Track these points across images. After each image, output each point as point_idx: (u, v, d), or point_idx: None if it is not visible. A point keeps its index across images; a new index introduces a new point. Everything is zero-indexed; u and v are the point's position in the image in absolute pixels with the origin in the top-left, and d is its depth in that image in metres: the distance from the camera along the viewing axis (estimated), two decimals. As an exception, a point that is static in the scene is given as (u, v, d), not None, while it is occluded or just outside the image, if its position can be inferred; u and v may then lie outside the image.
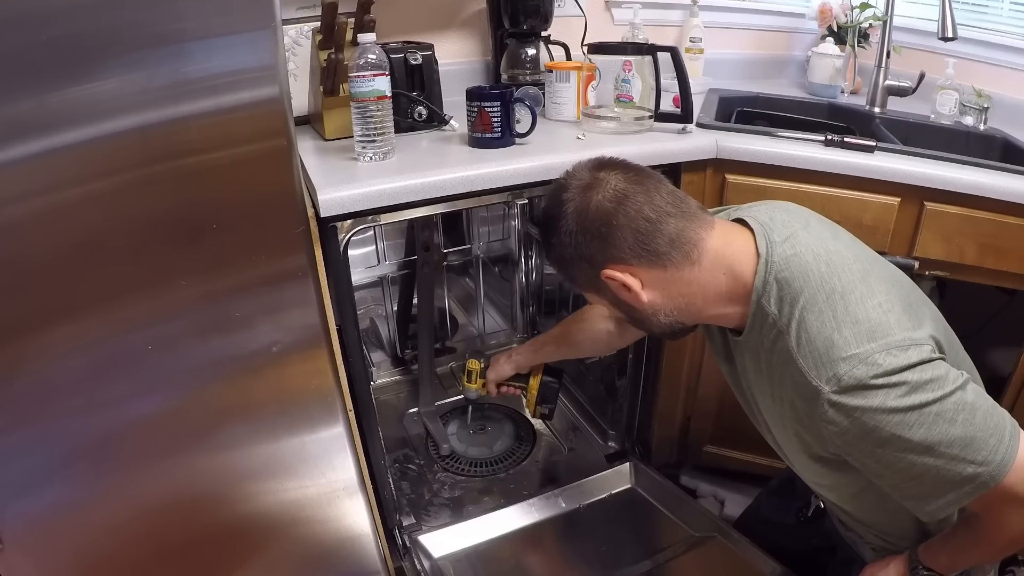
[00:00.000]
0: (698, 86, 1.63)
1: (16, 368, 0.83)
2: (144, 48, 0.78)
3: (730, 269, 0.82)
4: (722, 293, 0.83)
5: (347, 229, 1.06)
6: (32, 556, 0.92)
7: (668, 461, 1.66)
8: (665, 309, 0.86)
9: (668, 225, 0.81)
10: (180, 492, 1.00)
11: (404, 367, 1.86)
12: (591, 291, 0.90)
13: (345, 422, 1.09)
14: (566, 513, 1.39)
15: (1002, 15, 1.70)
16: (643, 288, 0.83)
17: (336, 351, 1.06)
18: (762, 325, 0.81)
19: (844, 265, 0.78)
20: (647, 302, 0.84)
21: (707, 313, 0.86)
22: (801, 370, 0.75)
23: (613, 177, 0.83)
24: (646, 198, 0.82)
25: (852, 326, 0.73)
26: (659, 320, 0.87)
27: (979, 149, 1.47)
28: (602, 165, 0.86)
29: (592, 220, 0.82)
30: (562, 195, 0.85)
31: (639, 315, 0.88)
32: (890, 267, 0.86)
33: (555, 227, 0.85)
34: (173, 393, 0.94)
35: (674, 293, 0.84)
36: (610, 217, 0.81)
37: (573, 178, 0.86)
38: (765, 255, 0.80)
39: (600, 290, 0.87)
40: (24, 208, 0.78)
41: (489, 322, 1.99)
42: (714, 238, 0.83)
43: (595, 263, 0.84)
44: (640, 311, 0.86)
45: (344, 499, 1.15)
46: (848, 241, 0.86)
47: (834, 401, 0.72)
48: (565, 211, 0.84)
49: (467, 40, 1.70)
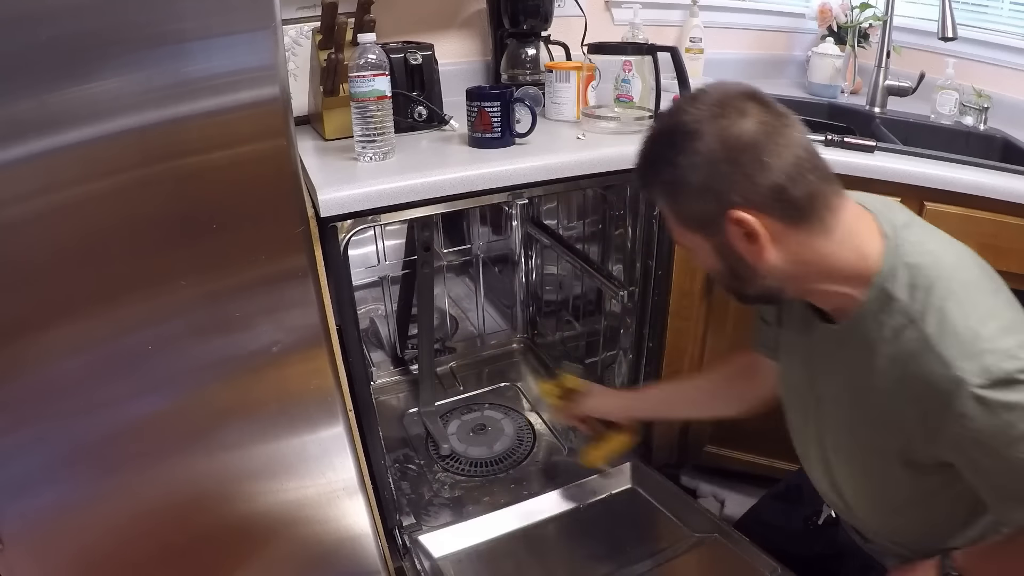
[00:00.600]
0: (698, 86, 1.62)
1: (16, 368, 0.83)
2: (144, 48, 0.78)
3: (858, 248, 0.74)
4: (844, 270, 0.75)
5: (347, 229, 1.06)
6: (32, 556, 0.92)
7: (668, 461, 1.65)
8: (777, 272, 0.76)
9: (811, 180, 0.72)
10: (180, 492, 1.00)
11: (404, 367, 1.86)
12: (697, 232, 0.77)
13: (345, 422, 1.09)
14: (566, 513, 1.39)
15: (1002, 15, 1.70)
16: (772, 242, 0.73)
17: (336, 351, 1.06)
18: (884, 312, 0.74)
19: (968, 259, 0.75)
20: (766, 258, 0.74)
21: (816, 287, 0.78)
22: (942, 359, 0.68)
23: (760, 111, 0.72)
24: (796, 142, 0.72)
25: (994, 319, 0.69)
26: (763, 283, 0.78)
27: (979, 149, 1.47)
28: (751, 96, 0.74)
29: (741, 148, 0.70)
30: (697, 110, 0.73)
31: (744, 272, 0.77)
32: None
33: (686, 145, 0.72)
34: (173, 393, 0.94)
35: (796, 258, 0.74)
36: (761, 152, 0.70)
37: (711, 94, 0.74)
38: (893, 238, 0.74)
39: (712, 232, 0.75)
40: (24, 208, 0.78)
41: (489, 322, 1.99)
42: (847, 210, 0.75)
43: (723, 199, 0.71)
44: (749, 268, 0.76)
45: (344, 499, 1.15)
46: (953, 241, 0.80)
47: (979, 396, 0.66)
48: (704, 129, 0.71)
49: (467, 40, 1.70)
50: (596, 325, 1.67)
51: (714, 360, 1.48)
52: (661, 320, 1.43)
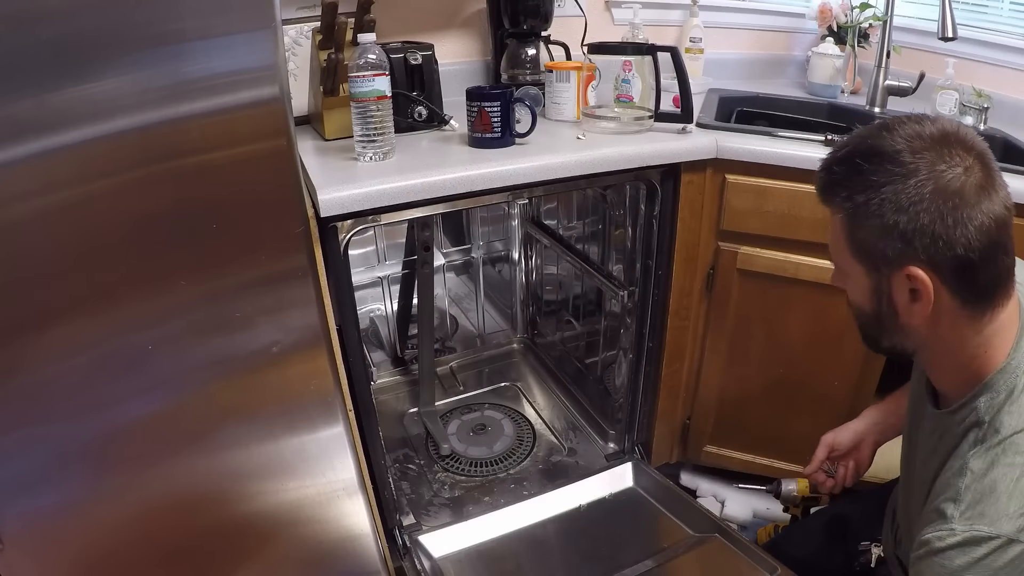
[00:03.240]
0: (698, 86, 1.62)
1: (16, 368, 0.83)
2: (144, 48, 0.78)
3: (986, 352, 0.70)
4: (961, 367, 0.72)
5: (347, 229, 1.06)
6: (32, 556, 0.92)
7: (668, 461, 1.66)
8: (919, 338, 0.72)
9: (998, 268, 0.66)
10: (180, 492, 1.00)
11: (404, 367, 1.86)
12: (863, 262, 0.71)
13: (345, 422, 1.09)
14: (566, 513, 1.39)
15: (1002, 15, 1.70)
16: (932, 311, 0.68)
17: (336, 351, 1.06)
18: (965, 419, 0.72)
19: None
20: (920, 324, 0.70)
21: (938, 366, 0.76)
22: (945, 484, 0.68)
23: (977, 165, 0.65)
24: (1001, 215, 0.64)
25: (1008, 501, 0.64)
26: (902, 340, 0.74)
27: (979, 149, 1.47)
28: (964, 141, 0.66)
29: (949, 205, 0.63)
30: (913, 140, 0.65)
31: (890, 324, 0.73)
32: None
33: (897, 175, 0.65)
34: (173, 393, 0.94)
35: (944, 334, 0.71)
36: (968, 216, 0.63)
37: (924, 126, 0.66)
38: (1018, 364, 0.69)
39: (877, 271, 0.70)
40: (24, 208, 0.77)
41: (489, 322, 2.00)
42: (1007, 310, 0.70)
43: (907, 252, 0.66)
44: (897, 322, 0.72)
45: (344, 499, 1.15)
46: None
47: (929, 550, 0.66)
48: (920, 166, 0.64)
49: (467, 40, 1.70)
50: (596, 325, 1.67)
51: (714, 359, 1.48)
52: (661, 320, 1.44)
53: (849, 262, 0.73)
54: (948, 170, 0.64)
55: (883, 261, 0.68)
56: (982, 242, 0.64)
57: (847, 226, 0.71)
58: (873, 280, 0.71)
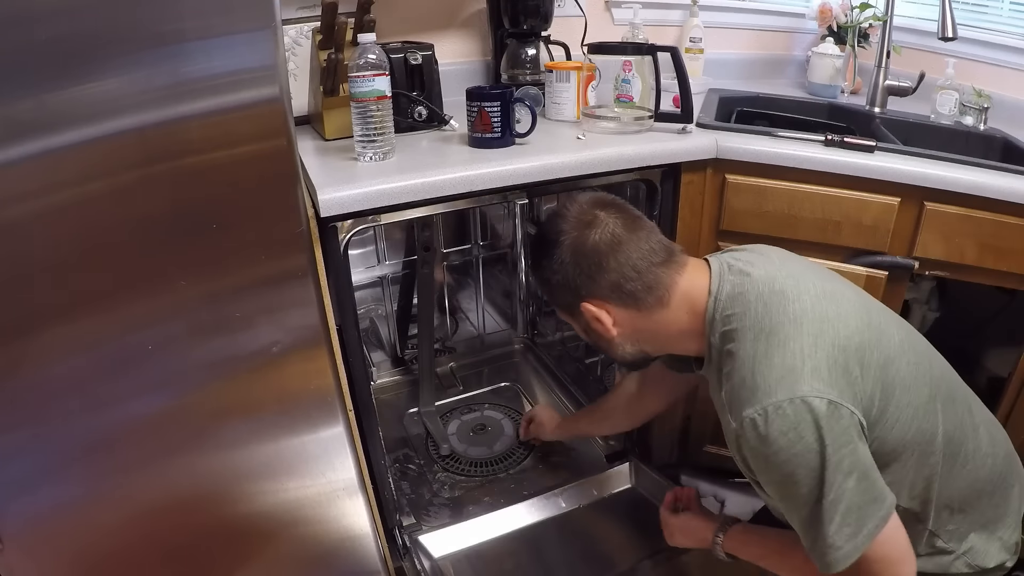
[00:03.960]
0: (698, 86, 1.63)
1: (16, 368, 0.83)
2: (144, 48, 0.78)
3: (691, 307, 0.90)
4: (684, 329, 0.91)
5: (347, 229, 1.06)
6: (32, 556, 0.92)
7: (668, 461, 1.65)
8: (631, 341, 0.94)
9: (649, 275, 0.88)
10: (180, 492, 1.00)
11: (404, 367, 1.86)
12: (567, 314, 0.97)
13: (345, 422, 1.09)
14: (566, 513, 1.39)
15: (1002, 15, 1.71)
16: (614, 324, 0.91)
17: (336, 351, 1.06)
18: (714, 359, 0.88)
19: (781, 305, 0.82)
20: (616, 335, 0.93)
21: (672, 346, 0.95)
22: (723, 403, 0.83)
23: (611, 220, 0.89)
24: (636, 246, 0.88)
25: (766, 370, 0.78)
26: (625, 350, 0.95)
27: (979, 149, 1.47)
28: (604, 204, 0.91)
29: (585, 257, 0.89)
30: (561, 224, 0.91)
31: (605, 344, 0.96)
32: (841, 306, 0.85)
33: (549, 252, 0.91)
34: (173, 393, 0.94)
35: (640, 329, 0.92)
36: (602, 258, 0.88)
37: (573, 209, 0.92)
38: (715, 292, 0.88)
39: (575, 316, 0.95)
40: (24, 208, 0.77)
41: (489, 322, 2.00)
42: (683, 279, 0.90)
43: (577, 294, 0.91)
44: (608, 341, 0.94)
45: (344, 499, 1.15)
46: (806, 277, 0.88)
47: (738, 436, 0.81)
48: (562, 240, 0.90)
49: (467, 40, 1.70)
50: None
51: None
52: (661, 320, 1.44)
53: (562, 315, 0.99)
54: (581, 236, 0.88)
55: (571, 308, 0.93)
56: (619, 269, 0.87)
57: (546, 295, 1.01)
58: (578, 323, 0.96)
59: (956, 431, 0.89)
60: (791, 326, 0.80)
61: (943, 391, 0.91)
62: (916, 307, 1.52)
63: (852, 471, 0.76)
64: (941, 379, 0.92)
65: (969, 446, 0.90)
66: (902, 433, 0.84)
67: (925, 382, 0.88)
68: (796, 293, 0.84)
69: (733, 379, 0.82)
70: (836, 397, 0.76)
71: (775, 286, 0.85)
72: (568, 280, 0.90)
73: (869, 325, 0.86)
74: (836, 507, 0.76)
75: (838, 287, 0.90)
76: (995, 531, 0.93)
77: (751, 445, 0.79)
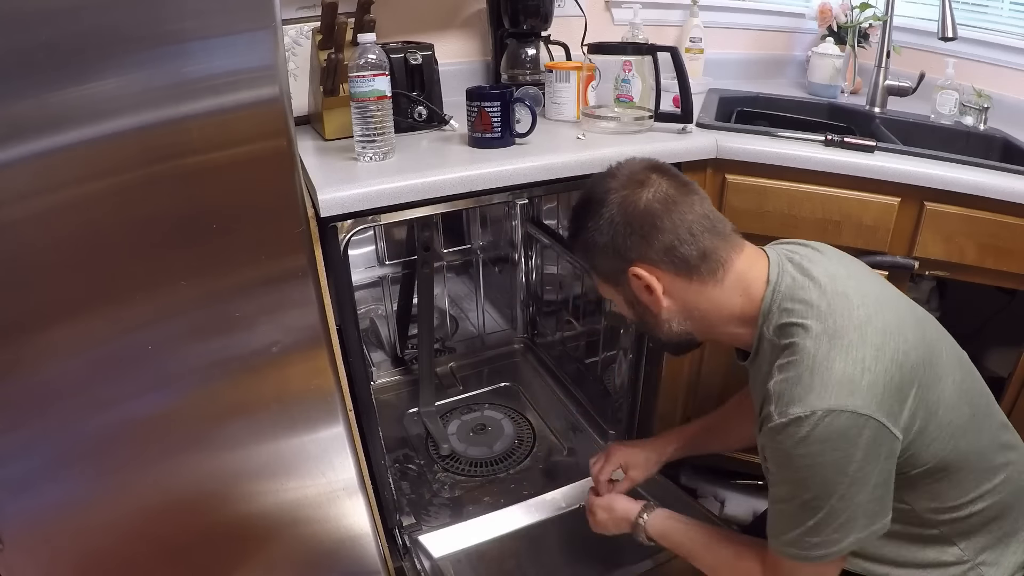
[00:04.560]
0: (698, 86, 1.63)
1: (16, 368, 0.83)
2: (144, 48, 0.78)
3: (746, 291, 0.85)
4: (735, 313, 0.86)
5: (347, 229, 1.06)
6: (32, 556, 0.92)
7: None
8: (679, 318, 0.88)
9: (704, 240, 0.83)
10: (180, 492, 1.00)
11: (404, 367, 1.86)
12: (610, 284, 0.91)
13: (345, 422, 1.09)
14: (566, 513, 1.39)
15: (1002, 15, 1.70)
16: (664, 294, 0.85)
17: (336, 351, 1.06)
18: (765, 350, 0.84)
19: (846, 308, 0.79)
20: (665, 307, 0.87)
21: (719, 330, 0.89)
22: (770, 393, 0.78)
23: (664, 182, 0.85)
24: (690, 209, 0.84)
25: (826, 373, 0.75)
26: (671, 327, 0.89)
27: (979, 149, 1.47)
28: (655, 168, 0.87)
29: (638, 215, 0.83)
30: (609, 183, 0.86)
31: (652, 319, 0.90)
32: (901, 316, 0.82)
33: (596, 211, 0.86)
34: (173, 393, 0.94)
35: (691, 305, 0.87)
36: (655, 218, 0.83)
37: (623, 169, 0.87)
38: (774, 283, 0.83)
39: (620, 284, 0.89)
40: (24, 208, 0.77)
41: (489, 322, 2.00)
42: (741, 260, 0.86)
43: (626, 257, 0.85)
44: (655, 315, 0.88)
45: (344, 499, 1.15)
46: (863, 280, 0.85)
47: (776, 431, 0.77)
48: (610, 199, 0.85)
49: (467, 40, 1.70)
50: (596, 325, 1.67)
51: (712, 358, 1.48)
52: (661, 320, 1.44)
53: (606, 289, 0.93)
54: (631, 195, 0.84)
55: (616, 275, 0.88)
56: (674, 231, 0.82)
57: (587, 263, 0.93)
58: (622, 293, 0.90)
59: (990, 447, 0.87)
60: (855, 333, 0.77)
61: (982, 408, 0.88)
62: (916, 307, 1.52)
63: (865, 486, 0.75)
64: (980, 395, 0.89)
65: (999, 460, 0.88)
66: (937, 451, 0.81)
67: (967, 400, 0.86)
68: (860, 298, 0.80)
69: (789, 372, 0.77)
70: (884, 418, 0.74)
71: (837, 287, 0.81)
72: (617, 241, 0.84)
73: (923, 340, 0.82)
74: (840, 515, 0.75)
75: (891, 293, 0.87)
76: (1009, 544, 0.90)
77: (781, 440, 0.76)
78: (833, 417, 0.73)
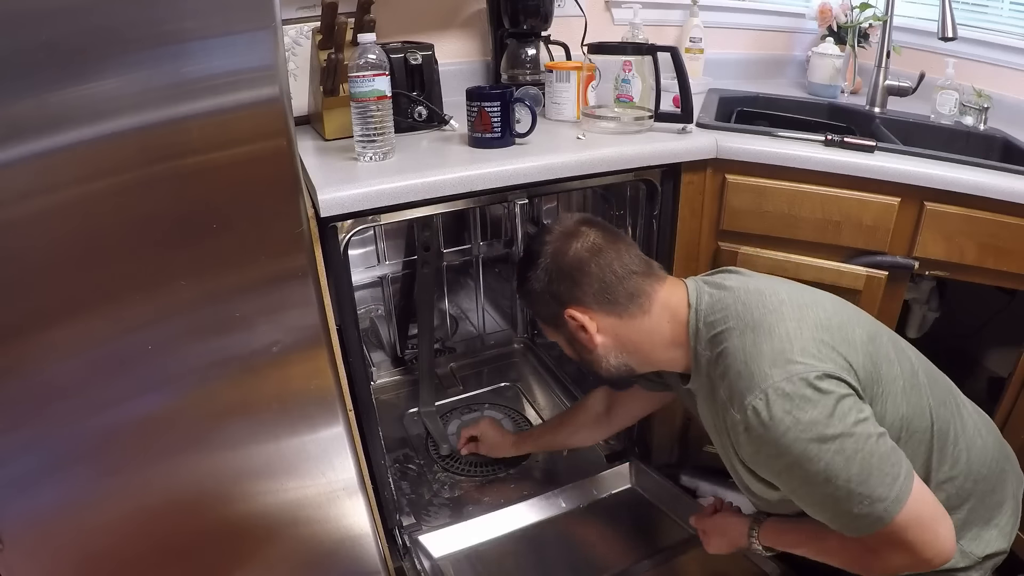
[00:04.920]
0: (698, 86, 1.63)
1: (16, 368, 0.83)
2: (144, 48, 0.78)
3: (673, 316, 0.93)
4: (667, 338, 0.93)
5: (347, 229, 1.06)
6: (32, 556, 0.92)
7: (668, 461, 1.65)
8: (615, 352, 0.96)
9: (631, 281, 0.92)
10: (180, 492, 1.00)
11: (404, 367, 1.86)
12: (551, 327, 1.00)
13: (345, 422, 1.09)
14: (566, 513, 1.39)
15: (1002, 15, 1.71)
16: (598, 332, 0.94)
17: (336, 351, 1.06)
18: (702, 366, 0.90)
19: (760, 300, 0.86)
20: (599, 344, 0.94)
21: (655, 357, 0.96)
22: (724, 402, 0.84)
23: (593, 232, 0.94)
24: (616, 255, 0.93)
25: (759, 358, 0.80)
26: (608, 362, 0.97)
27: (979, 149, 1.47)
28: (585, 221, 0.97)
29: (567, 263, 0.93)
30: (545, 237, 0.96)
31: (589, 356, 0.97)
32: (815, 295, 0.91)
33: (533, 262, 0.96)
34: (173, 393, 0.94)
35: (624, 339, 0.95)
36: (583, 264, 0.92)
37: (558, 225, 0.97)
38: (695, 304, 0.91)
39: (559, 327, 0.97)
40: (24, 208, 0.77)
41: (489, 322, 2.00)
42: (663, 290, 0.94)
43: (561, 301, 0.94)
44: (591, 352, 0.96)
45: (344, 499, 1.15)
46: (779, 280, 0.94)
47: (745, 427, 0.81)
48: (545, 250, 0.95)
49: (467, 40, 1.70)
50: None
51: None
52: (661, 320, 1.44)
53: (549, 332, 1.02)
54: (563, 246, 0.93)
55: (554, 317, 0.96)
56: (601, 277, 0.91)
57: (531, 309, 1.05)
58: (562, 335, 0.99)
59: (943, 409, 0.91)
60: (773, 315, 0.84)
61: (924, 367, 0.94)
62: (916, 307, 1.52)
63: (867, 424, 0.77)
64: (919, 358, 0.95)
65: (957, 425, 0.92)
66: (895, 407, 0.85)
67: (907, 358, 0.91)
68: (771, 290, 0.88)
69: (729, 375, 0.83)
70: (830, 369, 0.79)
71: (750, 286, 0.90)
72: (551, 287, 0.94)
73: (844, 307, 0.91)
74: (869, 460, 0.76)
75: (808, 287, 0.94)
76: (992, 518, 0.94)
77: (757, 433, 0.79)
78: (783, 386, 0.77)
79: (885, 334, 0.93)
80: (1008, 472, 0.97)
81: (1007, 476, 0.96)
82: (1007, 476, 0.96)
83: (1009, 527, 0.95)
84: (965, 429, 0.93)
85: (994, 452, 0.95)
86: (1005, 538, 0.95)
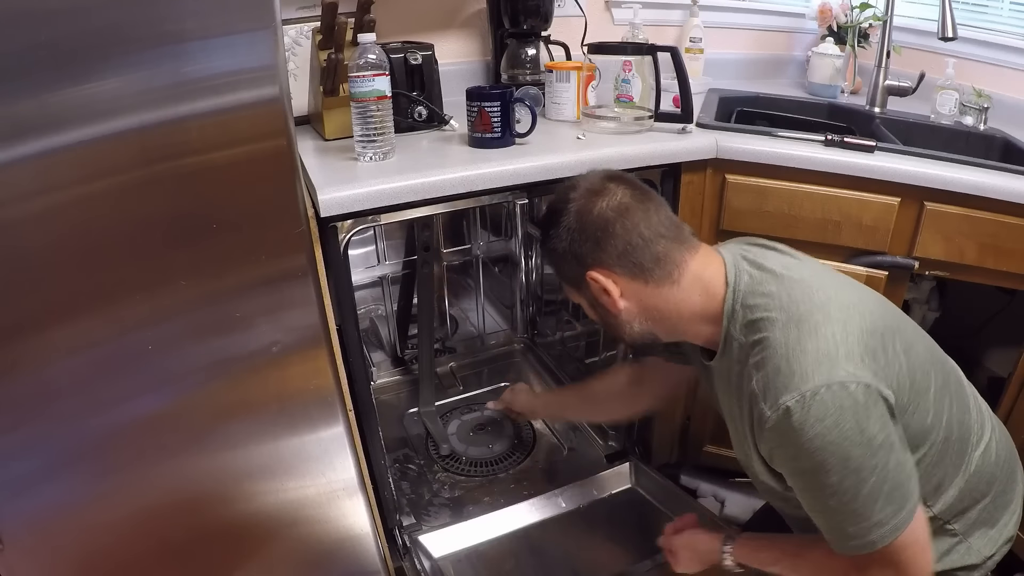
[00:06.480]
0: (698, 86, 1.63)
1: (16, 368, 0.83)
2: (144, 48, 0.78)
3: (705, 290, 0.88)
4: (697, 312, 0.89)
5: (347, 229, 1.06)
6: (32, 556, 0.92)
7: (668, 461, 1.66)
8: (639, 319, 0.91)
9: (658, 245, 0.87)
10: (180, 492, 1.00)
11: (404, 367, 1.85)
12: (573, 288, 0.95)
13: (345, 422, 1.09)
14: (566, 513, 1.39)
15: (1002, 15, 1.71)
16: (621, 296, 0.89)
17: (336, 351, 1.06)
18: (733, 349, 0.86)
19: (806, 293, 0.82)
20: (622, 308, 0.90)
21: (682, 328, 0.92)
22: (755, 393, 0.80)
23: (620, 190, 0.88)
24: (644, 216, 0.87)
25: (801, 356, 0.77)
26: (632, 328, 0.92)
27: (979, 149, 1.47)
28: (613, 177, 0.91)
29: (591, 223, 0.87)
30: (570, 193, 0.90)
31: (613, 320, 0.93)
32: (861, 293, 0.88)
33: (556, 220, 0.90)
34: (173, 393, 0.94)
35: (649, 306, 0.90)
36: (608, 225, 0.86)
37: (583, 180, 0.91)
38: (733, 283, 0.86)
39: (581, 289, 0.92)
40: (24, 208, 0.77)
41: (489, 322, 1.99)
42: (695, 261, 0.89)
43: (583, 263, 0.89)
44: (614, 316, 0.92)
45: (344, 499, 1.15)
46: (818, 267, 0.90)
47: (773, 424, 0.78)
48: (569, 208, 0.89)
49: (467, 40, 1.70)
50: (596, 325, 1.67)
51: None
52: (661, 320, 1.44)
53: (571, 293, 0.97)
54: (588, 204, 0.87)
55: (577, 279, 0.91)
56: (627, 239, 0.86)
57: (553, 268, 0.97)
58: (584, 297, 0.93)
59: (966, 415, 0.90)
60: (819, 313, 0.80)
61: (952, 376, 0.92)
62: (916, 307, 1.53)
63: (891, 451, 0.76)
64: (946, 363, 0.93)
65: (977, 429, 0.91)
66: (923, 418, 0.84)
67: (939, 369, 0.89)
68: (817, 281, 0.84)
69: (767, 367, 0.79)
70: (871, 380, 0.76)
71: (794, 275, 0.85)
72: (574, 248, 0.88)
73: (888, 311, 0.88)
74: (881, 487, 0.76)
75: (847, 278, 0.91)
76: (999, 518, 0.94)
77: (783, 432, 0.77)
78: (822, 393, 0.74)
79: (922, 340, 0.90)
80: (1017, 472, 0.97)
81: (1017, 476, 0.97)
82: (1017, 476, 0.97)
83: (1012, 526, 0.95)
84: (984, 432, 0.93)
85: (1007, 453, 0.95)
86: (1008, 537, 0.95)
